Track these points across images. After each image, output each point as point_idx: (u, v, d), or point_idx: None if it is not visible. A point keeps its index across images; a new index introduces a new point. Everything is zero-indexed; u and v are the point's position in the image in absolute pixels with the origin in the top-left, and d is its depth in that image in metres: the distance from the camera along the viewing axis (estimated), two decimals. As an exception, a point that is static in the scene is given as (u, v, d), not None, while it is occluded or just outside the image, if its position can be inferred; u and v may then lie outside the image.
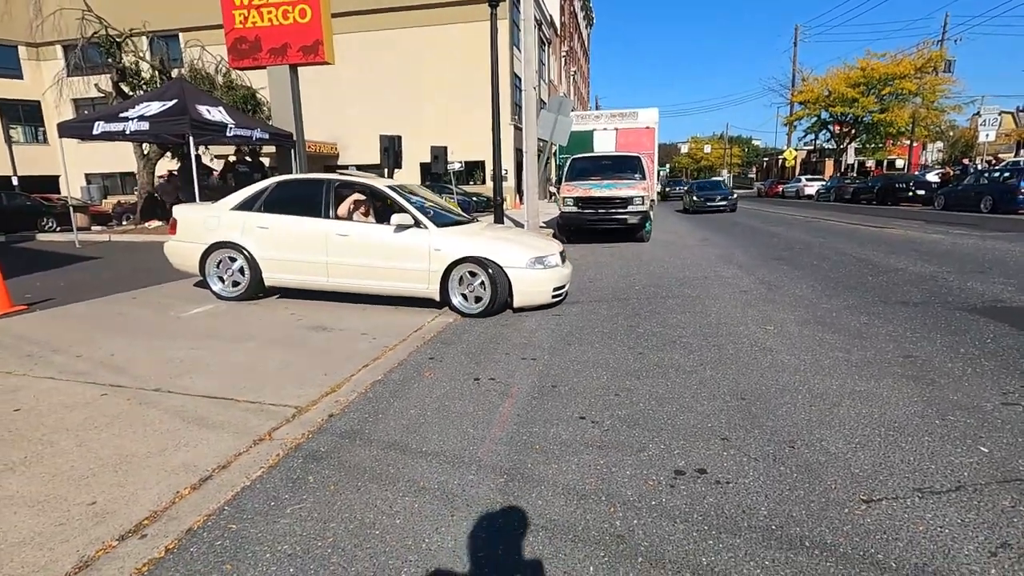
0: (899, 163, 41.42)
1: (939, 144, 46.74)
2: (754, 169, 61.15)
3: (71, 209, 12.85)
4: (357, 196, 6.35)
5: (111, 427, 3.04)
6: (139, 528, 2.18)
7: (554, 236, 12.13)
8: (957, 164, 30.37)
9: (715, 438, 2.84)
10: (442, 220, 6.13)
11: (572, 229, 11.98)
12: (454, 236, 5.77)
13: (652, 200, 14.08)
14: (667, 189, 39.28)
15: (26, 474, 2.57)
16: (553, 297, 5.79)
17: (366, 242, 5.79)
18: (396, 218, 5.67)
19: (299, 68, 13.22)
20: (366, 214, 6.30)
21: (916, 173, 27.82)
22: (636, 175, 12.42)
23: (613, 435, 2.93)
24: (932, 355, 4.03)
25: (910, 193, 22.63)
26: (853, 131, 36.44)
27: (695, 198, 23.08)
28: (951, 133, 44.99)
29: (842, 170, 36.57)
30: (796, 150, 42.46)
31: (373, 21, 25.89)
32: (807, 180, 33.60)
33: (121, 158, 23.59)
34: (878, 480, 2.41)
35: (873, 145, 37.25)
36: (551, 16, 35.80)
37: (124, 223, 17.77)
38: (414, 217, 5.71)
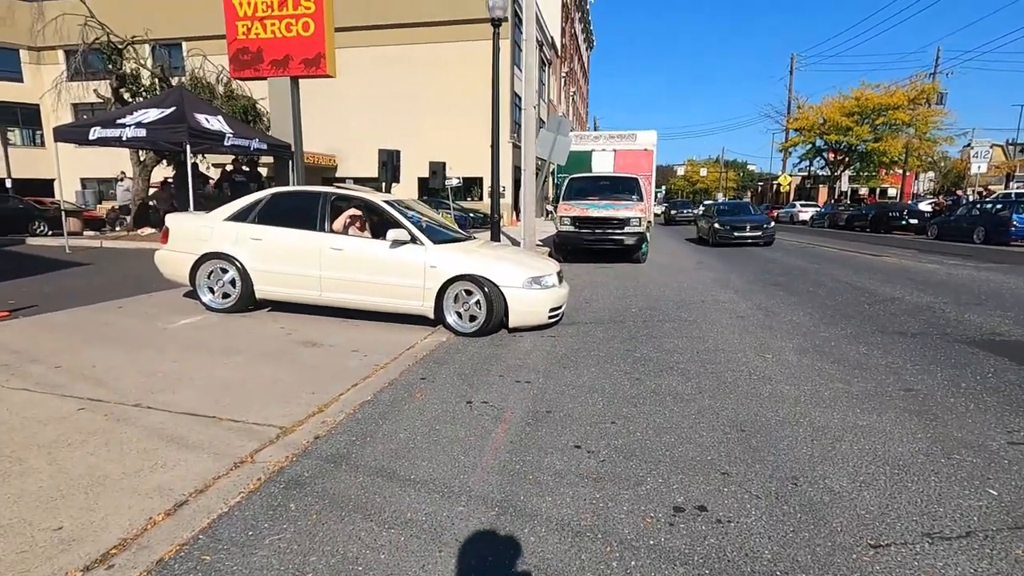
0: (891, 191, 41.94)
1: (931, 174, 47.41)
2: (749, 193, 61.70)
3: (63, 213, 12.70)
4: (353, 210, 6.28)
5: (85, 445, 2.91)
6: (106, 558, 2.05)
7: (550, 255, 12.11)
8: (949, 194, 30.73)
9: (715, 472, 2.74)
10: (439, 237, 6.06)
11: (568, 248, 11.95)
12: (450, 253, 5.69)
13: (649, 222, 14.10)
14: (673, 212, 34.33)
15: (-9, 494, 2.43)
16: (550, 318, 5.70)
17: (361, 257, 5.70)
18: (392, 233, 5.59)
19: (300, 80, 13.23)
20: (362, 228, 6.22)
21: (909, 202, 28.12)
22: (634, 196, 12.44)
23: (610, 466, 2.82)
24: (933, 389, 3.96)
25: (903, 222, 22.84)
26: (847, 159, 36.90)
27: (718, 226, 16.48)
28: (943, 164, 45.68)
29: (836, 197, 36.93)
30: (791, 176, 42.91)
31: (377, 37, 26.11)
32: (801, 206, 33.89)
33: (117, 164, 23.50)
34: (885, 523, 2.31)
35: (867, 173, 37.70)
36: (552, 37, 36.27)
37: (117, 229, 17.60)
38: (410, 233, 5.63)
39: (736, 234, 16.22)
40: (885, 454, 2.94)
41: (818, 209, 32.01)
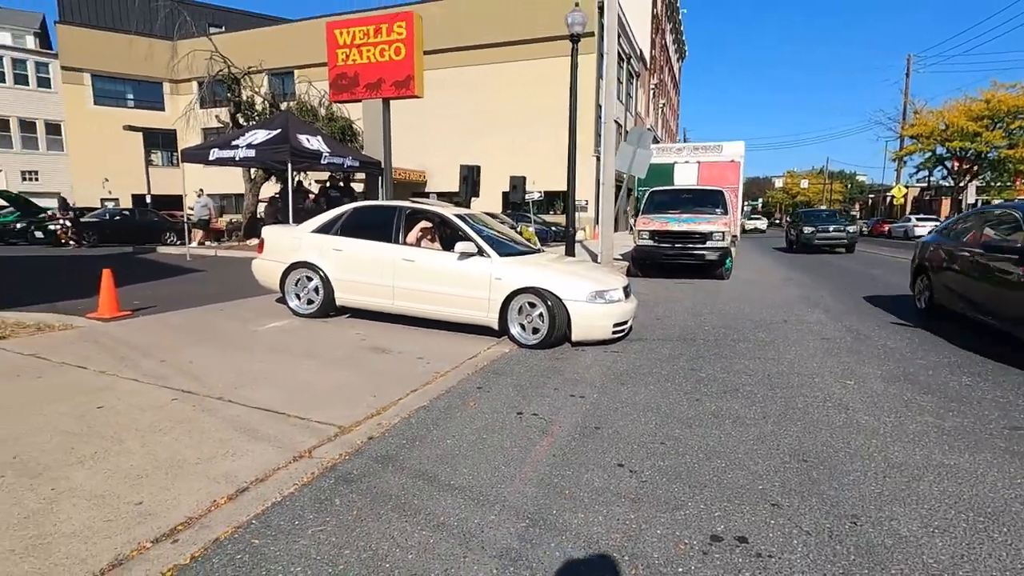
0: (1033, 204, 36.87)
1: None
2: (857, 206, 56.91)
3: (186, 226, 14.33)
4: (426, 223, 6.56)
5: (172, 431, 3.27)
6: (173, 532, 2.30)
7: (628, 270, 11.89)
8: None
9: (764, 503, 2.58)
10: (506, 250, 6.17)
11: (646, 263, 11.67)
12: (516, 266, 5.77)
13: (734, 236, 13.46)
14: (809, 231, 31.90)
15: (92, 468, 2.80)
16: (613, 332, 5.61)
17: (430, 268, 5.94)
18: (460, 246, 5.78)
19: (391, 101, 14.05)
20: (433, 240, 6.48)
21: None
22: (717, 210, 11.94)
23: (650, 488, 2.74)
24: (1048, 429, 3.46)
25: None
26: (975, 168, 33.04)
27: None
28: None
29: (960, 210, 33.15)
30: (906, 187, 39.10)
31: (465, 57, 27.14)
32: (918, 220, 30.69)
33: (236, 180, 26.13)
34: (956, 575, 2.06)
35: (1000, 183, 33.52)
36: (640, 50, 35.80)
37: (232, 240, 19.53)
38: (477, 245, 5.79)
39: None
40: (971, 499, 2.62)
41: (939, 223, 28.88)
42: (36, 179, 33.28)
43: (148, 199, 16.56)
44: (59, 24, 32.07)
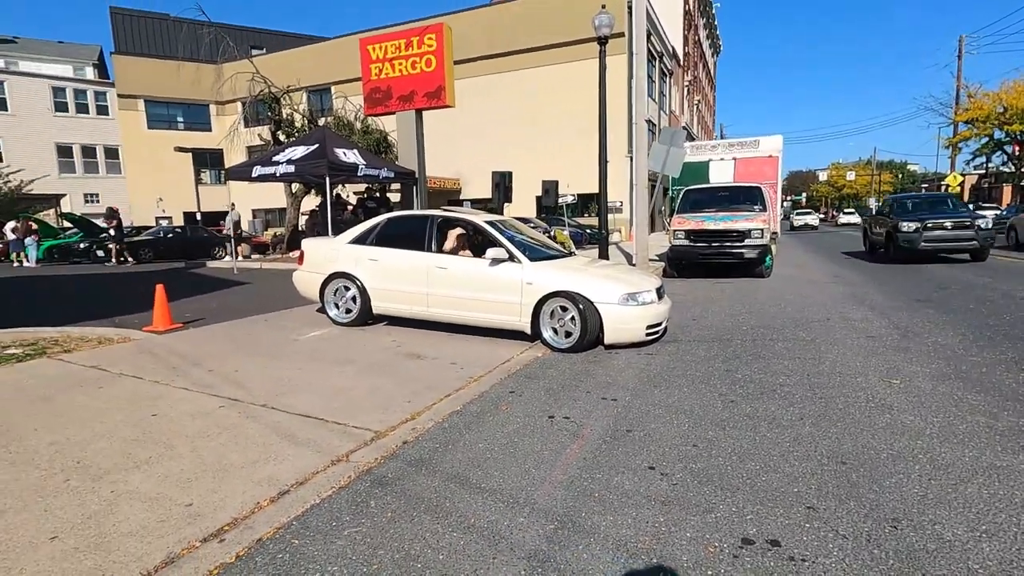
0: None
1: None
2: (909, 197, 54.35)
3: (233, 241, 14.99)
4: (460, 230, 6.67)
5: (219, 437, 3.44)
6: (220, 532, 2.43)
7: (664, 271, 11.74)
8: None
9: (799, 505, 2.52)
10: (537, 255, 6.22)
11: (682, 263, 11.50)
12: (547, 270, 5.81)
13: (775, 233, 13.11)
14: (918, 227, 16.01)
15: (148, 472, 2.98)
16: (647, 335, 5.56)
17: (463, 274, 6.03)
18: (490, 252, 5.85)
19: (424, 112, 14.32)
20: (465, 248, 6.58)
21: None
22: (756, 207, 11.65)
23: (681, 490, 2.72)
24: (1115, 429, 3.25)
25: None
26: (1038, 151, 31.08)
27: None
28: None
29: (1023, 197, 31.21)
30: (962, 175, 37.08)
31: (497, 64, 27.35)
32: (974, 209, 29.08)
33: (279, 195, 27.14)
34: (1004, 581, 1.98)
35: (1067, 167, 31.42)
36: (673, 48, 35.30)
37: (276, 252, 20.27)
38: (508, 251, 5.85)
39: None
40: (1023, 502, 2.49)
41: (999, 212, 27.27)
42: (97, 201, 35.36)
43: (198, 216, 17.45)
44: (115, 55, 34.07)
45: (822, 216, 61.71)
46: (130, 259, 18.27)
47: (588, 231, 22.32)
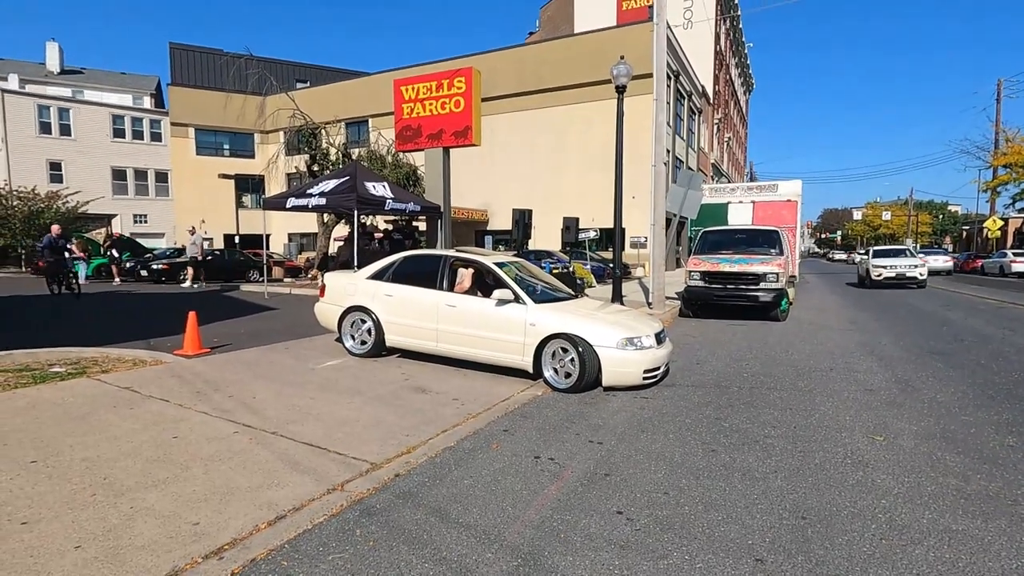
0: None
1: None
2: (947, 239, 52.81)
3: (266, 265, 15.74)
4: (470, 270, 7.01)
5: (230, 461, 3.77)
6: (220, 551, 2.73)
7: (680, 311, 11.84)
8: None
9: (749, 558, 2.69)
10: (543, 296, 6.49)
11: (698, 304, 11.59)
12: (550, 312, 6.07)
13: (793, 277, 13.11)
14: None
15: (164, 491, 3.32)
16: (644, 379, 5.73)
17: (470, 313, 6.34)
18: (497, 293, 6.16)
19: (451, 150, 14.94)
20: (475, 287, 6.90)
21: None
22: (773, 250, 11.74)
23: (642, 536, 2.91)
24: (1086, 498, 3.30)
25: None
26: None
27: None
28: None
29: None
30: (1003, 219, 36.04)
31: (526, 102, 28.16)
32: (1015, 255, 28.17)
33: (314, 221, 28.24)
34: (922, 641, 2.11)
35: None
36: (703, 86, 35.76)
37: (307, 276, 21.06)
38: (513, 292, 6.14)
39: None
40: (967, 567, 2.60)
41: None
42: (145, 221, 37.33)
43: (236, 239, 18.35)
44: (171, 86, 36.40)
45: (864, 253, 59.58)
46: (201, 280, 18.95)
47: (610, 265, 22.48)
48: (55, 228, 15.01)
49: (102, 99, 39.18)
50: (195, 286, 18.06)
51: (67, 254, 14.54)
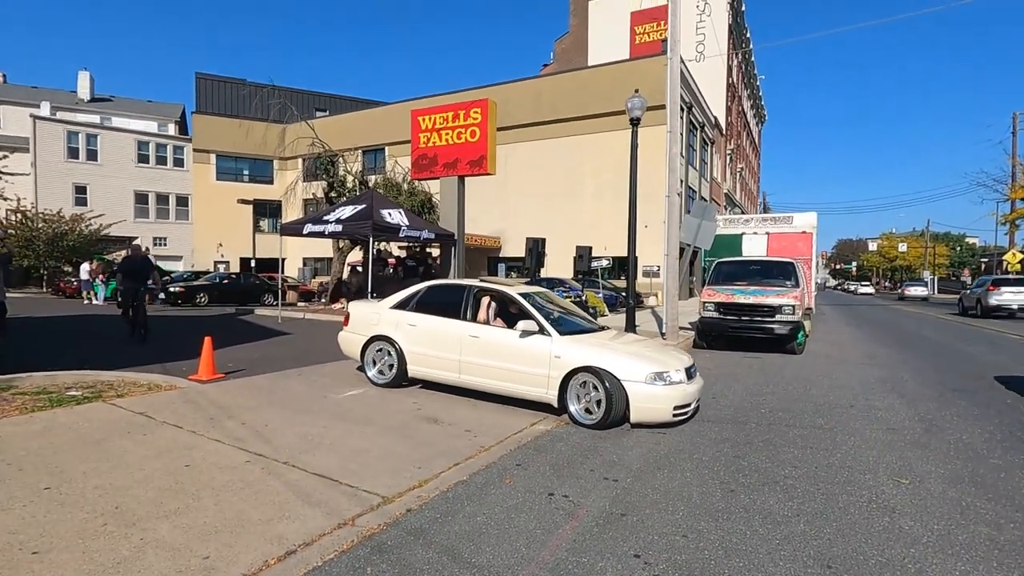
0: None
1: None
2: (965, 271, 52.04)
3: (280, 289, 15.90)
4: (493, 300, 6.92)
5: (242, 491, 3.74)
6: (229, 587, 2.68)
7: (694, 342, 11.70)
8: None
9: (773, 608, 2.58)
10: (568, 328, 6.34)
11: (711, 335, 11.46)
12: (576, 344, 5.91)
13: (809, 309, 12.95)
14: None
15: (175, 522, 3.29)
16: (674, 415, 5.50)
17: (494, 344, 6.23)
18: (521, 324, 6.06)
19: (466, 179, 15.16)
20: (498, 317, 6.80)
21: None
22: (788, 282, 11.64)
23: (660, 582, 2.81)
24: None
25: None
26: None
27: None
28: None
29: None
30: (1022, 252, 35.47)
31: (541, 131, 28.55)
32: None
33: (329, 245, 28.58)
34: None
35: None
36: (715, 118, 36.09)
37: (320, 301, 21.21)
38: (538, 323, 6.04)
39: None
40: (1005, 624, 2.48)
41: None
42: (164, 244, 38.00)
43: (252, 263, 18.60)
44: (195, 114, 37.51)
45: (879, 283, 59.36)
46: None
47: (623, 294, 22.41)
48: (134, 248, 12.17)
49: (129, 126, 40.40)
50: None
51: (149, 282, 10.89)
